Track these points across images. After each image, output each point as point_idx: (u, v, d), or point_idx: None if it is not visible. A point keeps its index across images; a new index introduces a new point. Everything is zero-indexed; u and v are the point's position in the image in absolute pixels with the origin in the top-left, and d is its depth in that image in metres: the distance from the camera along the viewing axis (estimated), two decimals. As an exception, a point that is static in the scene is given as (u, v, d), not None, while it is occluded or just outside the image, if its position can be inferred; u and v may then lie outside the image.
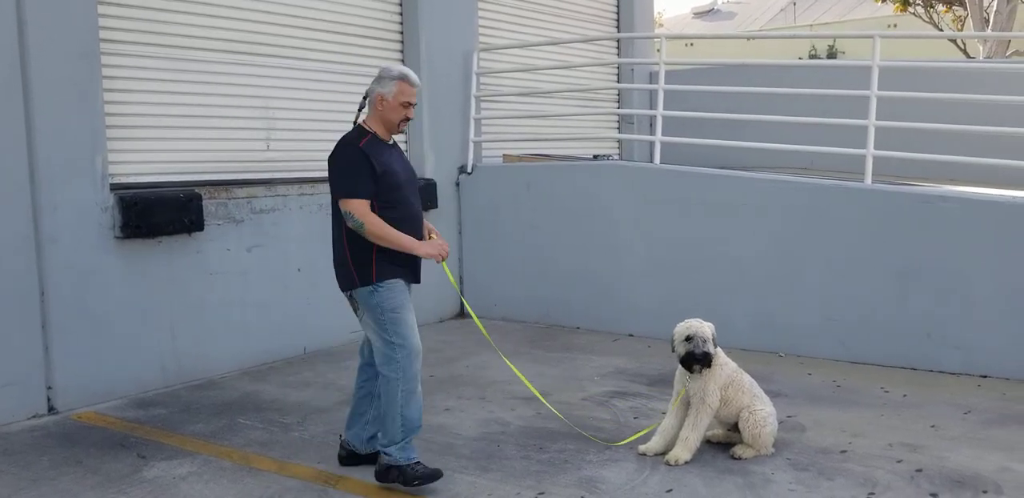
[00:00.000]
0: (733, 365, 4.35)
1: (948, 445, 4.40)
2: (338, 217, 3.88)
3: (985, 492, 3.79)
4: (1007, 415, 4.88)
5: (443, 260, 4.00)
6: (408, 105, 3.93)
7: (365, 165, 3.79)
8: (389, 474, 3.88)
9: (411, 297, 3.97)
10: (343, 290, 3.98)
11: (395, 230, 3.81)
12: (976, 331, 5.75)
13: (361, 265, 3.84)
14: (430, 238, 4.05)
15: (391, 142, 4.01)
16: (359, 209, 3.77)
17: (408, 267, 3.95)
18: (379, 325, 3.85)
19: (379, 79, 3.93)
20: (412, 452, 3.91)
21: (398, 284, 3.89)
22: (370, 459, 4.09)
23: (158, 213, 5.48)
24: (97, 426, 4.91)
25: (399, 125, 3.96)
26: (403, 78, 3.90)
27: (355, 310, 4.00)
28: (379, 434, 3.97)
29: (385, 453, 3.89)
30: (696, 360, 4.16)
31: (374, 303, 3.83)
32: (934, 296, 5.87)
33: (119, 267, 5.41)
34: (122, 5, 5.54)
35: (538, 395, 4.81)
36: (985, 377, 5.67)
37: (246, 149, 6.39)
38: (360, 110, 4.02)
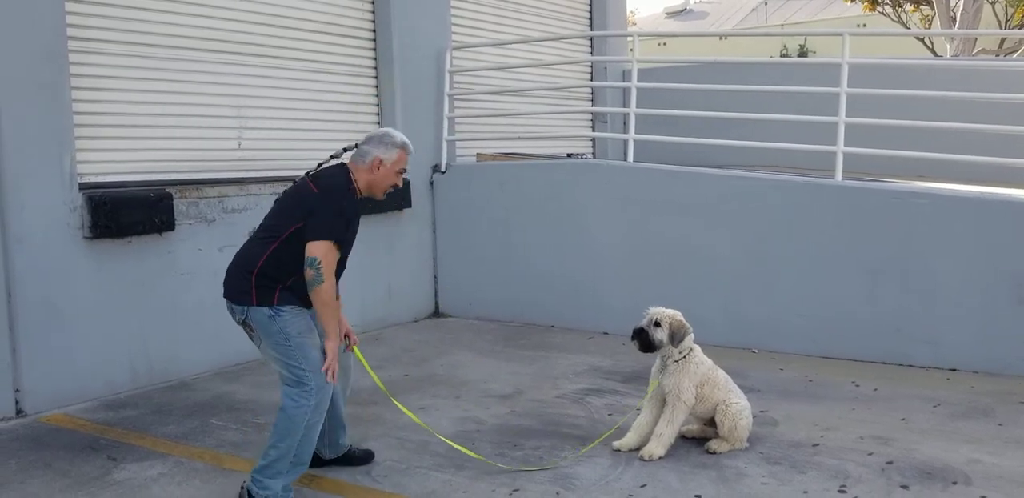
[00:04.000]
0: (709, 363, 4.37)
1: (918, 438, 4.45)
2: (272, 236, 3.62)
3: (955, 483, 3.84)
4: (975, 408, 4.95)
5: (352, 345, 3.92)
6: (401, 173, 3.87)
7: (350, 218, 3.67)
8: None
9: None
10: (232, 301, 3.65)
11: (337, 305, 3.67)
12: (945, 326, 5.82)
13: (262, 287, 3.59)
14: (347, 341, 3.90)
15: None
16: (328, 260, 3.54)
17: (306, 300, 3.70)
18: (283, 352, 3.59)
19: (381, 142, 3.80)
20: (291, 493, 3.65)
21: (298, 309, 3.64)
22: (332, 462, 4.09)
23: (128, 213, 5.40)
24: (66, 428, 4.85)
25: (384, 192, 3.85)
26: (404, 147, 3.84)
27: (250, 337, 3.71)
28: (265, 458, 3.61)
29: (260, 482, 3.57)
30: (633, 334, 4.25)
31: (275, 329, 3.58)
32: (904, 291, 5.94)
33: (88, 268, 5.34)
34: (91, 3, 5.47)
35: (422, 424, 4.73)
36: (954, 370, 5.75)
37: (217, 148, 6.33)
38: (335, 156, 3.88)
